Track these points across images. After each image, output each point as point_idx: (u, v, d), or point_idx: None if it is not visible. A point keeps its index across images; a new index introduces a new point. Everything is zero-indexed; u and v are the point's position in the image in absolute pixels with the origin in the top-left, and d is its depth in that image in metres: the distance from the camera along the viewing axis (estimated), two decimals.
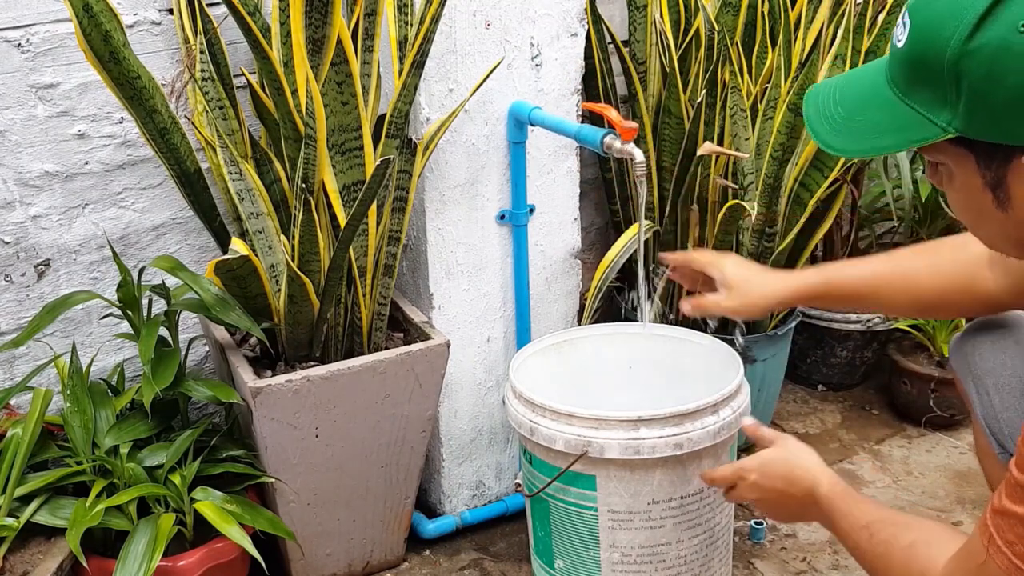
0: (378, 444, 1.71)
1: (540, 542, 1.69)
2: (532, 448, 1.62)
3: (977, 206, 0.96)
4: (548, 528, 1.65)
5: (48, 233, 1.72)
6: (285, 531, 1.60)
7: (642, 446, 1.51)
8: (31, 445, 1.52)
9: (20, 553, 1.49)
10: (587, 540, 1.60)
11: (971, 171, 0.93)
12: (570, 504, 1.60)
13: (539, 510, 1.67)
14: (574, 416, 1.54)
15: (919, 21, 0.91)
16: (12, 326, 1.74)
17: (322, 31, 1.46)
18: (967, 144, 0.91)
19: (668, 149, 2.00)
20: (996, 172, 0.91)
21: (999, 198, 0.93)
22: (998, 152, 0.90)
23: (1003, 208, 0.94)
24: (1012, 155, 0.89)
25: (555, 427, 1.55)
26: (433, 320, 1.80)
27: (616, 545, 1.58)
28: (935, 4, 0.90)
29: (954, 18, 0.87)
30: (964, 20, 0.87)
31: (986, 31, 0.86)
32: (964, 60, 0.87)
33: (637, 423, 1.50)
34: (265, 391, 1.55)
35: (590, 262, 2.35)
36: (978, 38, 0.86)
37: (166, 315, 1.65)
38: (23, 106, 1.64)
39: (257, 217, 1.61)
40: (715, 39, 1.86)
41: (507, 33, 1.72)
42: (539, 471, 1.62)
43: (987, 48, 0.86)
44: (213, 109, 1.63)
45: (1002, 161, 0.90)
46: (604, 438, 1.52)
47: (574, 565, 1.64)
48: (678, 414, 1.51)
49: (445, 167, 1.75)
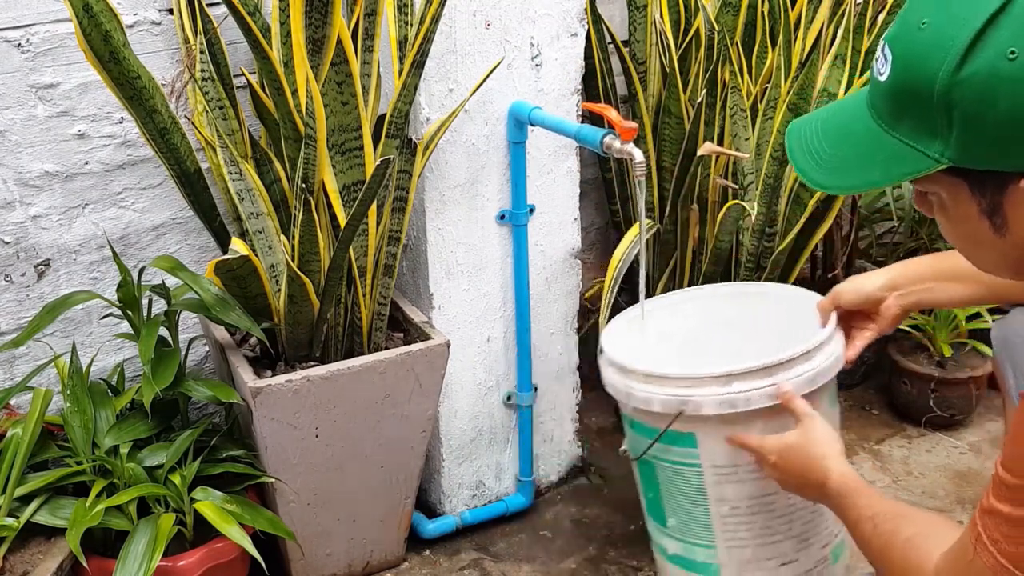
0: (378, 444, 1.71)
1: (651, 503, 1.73)
2: (631, 413, 1.65)
3: (974, 233, 0.94)
4: (657, 489, 1.68)
5: (48, 233, 1.72)
6: (285, 531, 1.60)
7: (737, 400, 1.52)
8: (31, 445, 1.52)
9: (20, 553, 1.49)
10: (695, 496, 1.63)
11: (965, 199, 0.92)
12: (674, 463, 1.62)
13: (646, 472, 1.70)
14: (666, 377, 1.56)
15: (902, 53, 0.90)
16: (12, 326, 1.74)
17: (322, 31, 1.46)
18: (959, 173, 0.90)
19: (668, 149, 2.00)
20: (991, 199, 0.90)
21: (996, 224, 0.91)
22: (991, 179, 0.89)
23: (1000, 234, 0.92)
24: (1007, 181, 0.88)
25: (650, 390, 1.57)
26: (433, 320, 1.80)
27: (724, 499, 1.61)
28: (918, 35, 0.88)
29: (941, 49, 0.86)
30: (952, 50, 0.85)
31: (975, 60, 0.84)
32: (954, 90, 0.85)
33: (729, 378, 1.52)
34: (265, 391, 1.55)
35: (590, 262, 2.35)
36: (967, 68, 0.84)
37: (166, 315, 1.65)
38: (23, 106, 1.64)
39: (257, 217, 1.61)
40: (715, 39, 1.86)
41: (507, 33, 1.72)
42: (640, 434, 1.65)
43: (978, 76, 0.84)
44: (213, 109, 1.63)
45: (996, 187, 0.89)
46: (699, 396, 1.54)
47: (686, 522, 1.67)
48: (770, 365, 1.52)
49: (445, 167, 1.75)
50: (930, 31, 0.87)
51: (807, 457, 1.33)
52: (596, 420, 2.38)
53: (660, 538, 1.75)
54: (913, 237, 2.56)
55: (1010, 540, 0.92)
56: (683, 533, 1.70)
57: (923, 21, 0.88)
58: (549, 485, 2.13)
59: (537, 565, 1.92)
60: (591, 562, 1.92)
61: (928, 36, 0.87)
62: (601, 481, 2.16)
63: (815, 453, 1.33)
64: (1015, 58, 0.82)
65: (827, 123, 1.01)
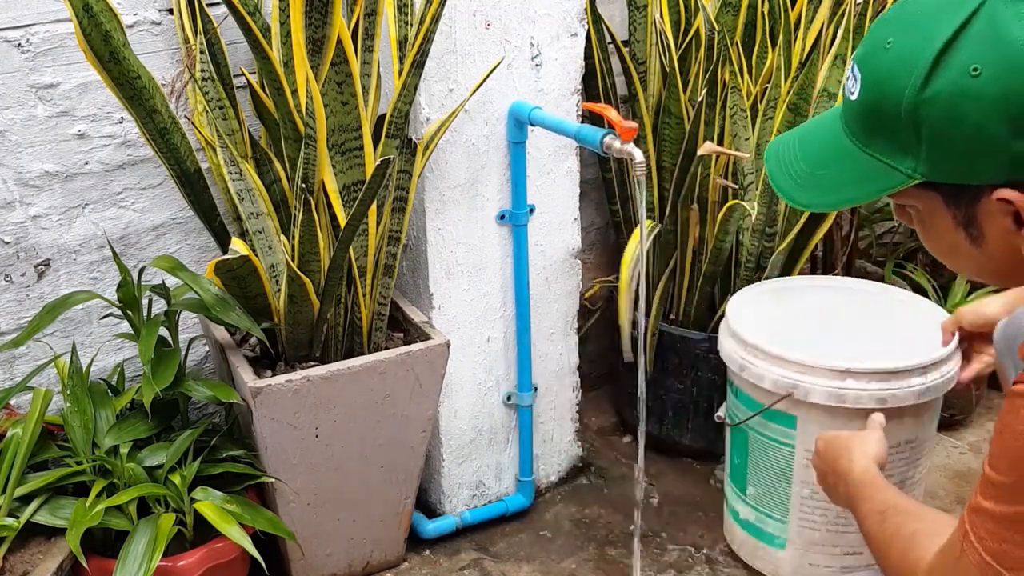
0: (378, 444, 1.71)
1: (735, 469, 1.83)
2: (739, 383, 1.75)
3: (951, 243, 0.96)
4: (745, 457, 1.78)
5: (48, 233, 1.72)
6: (285, 531, 1.60)
7: (847, 396, 1.60)
8: (31, 445, 1.52)
9: (20, 553, 1.49)
10: (781, 473, 1.72)
11: (940, 211, 0.93)
12: (769, 438, 1.72)
13: (738, 440, 1.79)
14: (784, 359, 1.64)
15: (870, 73, 0.91)
16: (12, 326, 1.74)
17: (322, 31, 1.46)
18: (933, 187, 0.91)
19: (668, 149, 2.00)
20: (966, 211, 0.91)
21: (972, 235, 0.93)
22: (965, 192, 0.90)
23: (977, 244, 0.93)
24: (980, 193, 0.89)
25: (765, 367, 1.66)
26: (433, 320, 1.80)
27: (808, 482, 1.67)
28: (884, 55, 0.90)
29: (906, 69, 0.87)
30: (916, 70, 0.86)
31: (939, 78, 0.85)
32: (921, 108, 0.87)
33: (845, 374, 1.60)
34: (265, 391, 1.55)
35: (590, 262, 2.35)
36: (932, 86, 0.86)
37: (166, 315, 1.65)
38: (23, 106, 1.64)
39: (257, 217, 1.61)
40: (715, 39, 1.86)
41: (507, 33, 1.72)
42: (743, 404, 1.74)
43: (943, 95, 0.85)
44: (213, 109, 1.63)
45: (970, 200, 0.90)
46: (810, 383, 1.62)
47: (765, 494, 1.77)
48: (886, 370, 1.59)
49: (445, 167, 1.75)
50: (895, 51, 0.89)
51: (846, 448, 1.35)
52: (596, 420, 2.38)
53: (735, 502, 1.86)
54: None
55: (995, 537, 0.92)
56: (760, 503, 1.80)
57: (888, 41, 0.89)
58: (549, 485, 2.13)
59: (537, 565, 1.92)
60: (591, 562, 1.92)
61: (894, 56, 0.89)
62: (601, 481, 2.16)
63: (852, 446, 1.34)
64: (978, 74, 0.84)
65: (804, 142, 1.03)
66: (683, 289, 2.10)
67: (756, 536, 1.83)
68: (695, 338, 2.06)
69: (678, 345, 2.08)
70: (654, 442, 2.21)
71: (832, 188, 0.98)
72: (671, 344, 2.08)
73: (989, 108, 0.84)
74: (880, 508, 1.21)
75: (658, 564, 1.92)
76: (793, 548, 1.78)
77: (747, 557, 1.88)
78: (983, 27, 0.84)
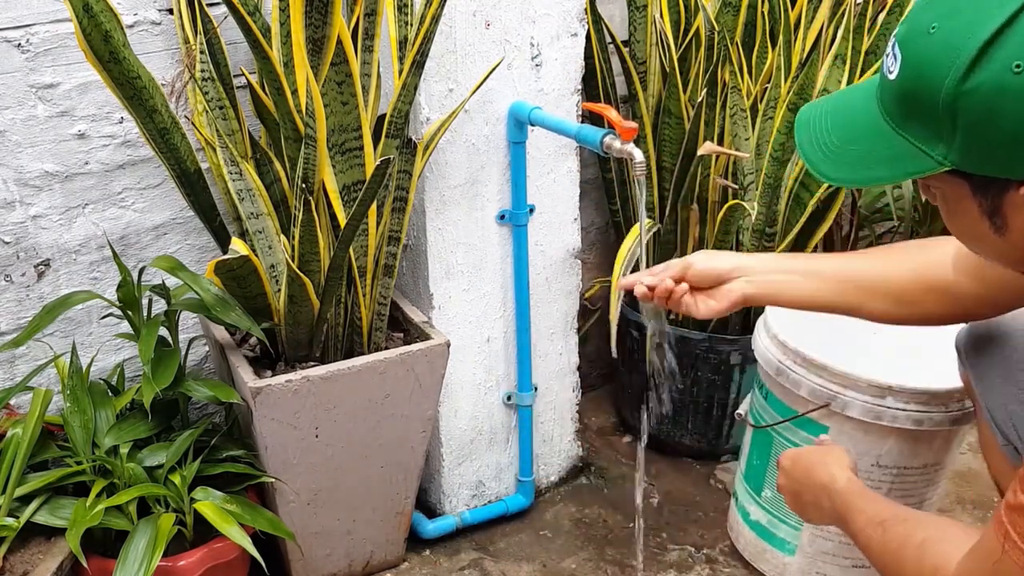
0: (378, 444, 1.71)
1: (753, 470, 1.81)
2: (772, 386, 1.72)
3: (973, 229, 0.96)
4: (766, 460, 1.76)
5: (48, 233, 1.72)
6: (285, 531, 1.60)
7: (885, 413, 1.58)
8: (31, 445, 1.52)
9: (20, 553, 1.49)
10: None
11: (967, 198, 0.94)
12: (795, 445, 1.68)
13: (761, 442, 1.77)
14: (825, 368, 1.62)
15: (911, 57, 0.91)
16: (12, 326, 1.74)
17: (322, 31, 1.46)
18: (962, 175, 0.91)
19: (668, 149, 2.00)
20: (992, 201, 0.92)
21: (996, 224, 0.94)
22: (994, 183, 0.90)
23: (1000, 234, 0.94)
24: (1008, 186, 0.90)
25: (803, 374, 1.64)
26: (433, 320, 1.80)
27: None
28: (927, 40, 0.89)
29: (948, 57, 0.86)
30: (959, 60, 0.86)
31: (981, 71, 0.85)
32: (960, 100, 0.86)
33: (886, 391, 1.58)
34: (265, 391, 1.55)
35: (590, 262, 2.35)
36: (973, 79, 0.85)
37: (166, 315, 1.65)
38: (23, 106, 1.63)
39: (257, 217, 1.61)
40: (715, 39, 1.86)
41: (507, 33, 1.72)
42: (773, 408, 1.72)
43: (983, 89, 0.85)
44: (213, 109, 1.63)
45: (998, 191, 0.91)
46: (850, 396, 1.60)
47: (781, 499, 1.72)
48: (927, 392, 1.57)
49: (445, 167, 1.75)
50: (939, 37, 0.88)
51: (815, 463, 1.34)
52: (596, 420, 2.38)
53: (748, 503, 1.85)
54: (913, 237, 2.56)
55: None
56: (775, 507, 1.79)
57: (932, 26, 0.88)
58: (549, 485, 2.13)
59: (537, 565, 1.92)
60: (591, 562, 1.92)
61: (936, 42, 0.88)
62: (601, 481, 2.17)
63: (824, 460, 1.34)
64: (1020, 72, 0.83)
65: (836, 114, 1.02)
66: None
67: (766, 539, 1.83)
68: (695, 338, 2.06)
69: (678, 345, 2.08)
70: (654, 442, 2.22)
71: (862, 165, 0.97)
72: (671, 344, 2.08)
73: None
74: (877, 519, 1.19)
75: (658, 564, 1.92)
76: (803, 555, 1.78)
77: (751, 558, 1.88)
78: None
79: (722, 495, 2.11)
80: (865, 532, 1.20)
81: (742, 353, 2.05)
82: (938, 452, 1.67)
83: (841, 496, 1.27)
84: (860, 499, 1.24)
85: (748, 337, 1.95)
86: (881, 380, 1.58)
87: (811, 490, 1.33)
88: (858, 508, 1.23)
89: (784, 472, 1.39)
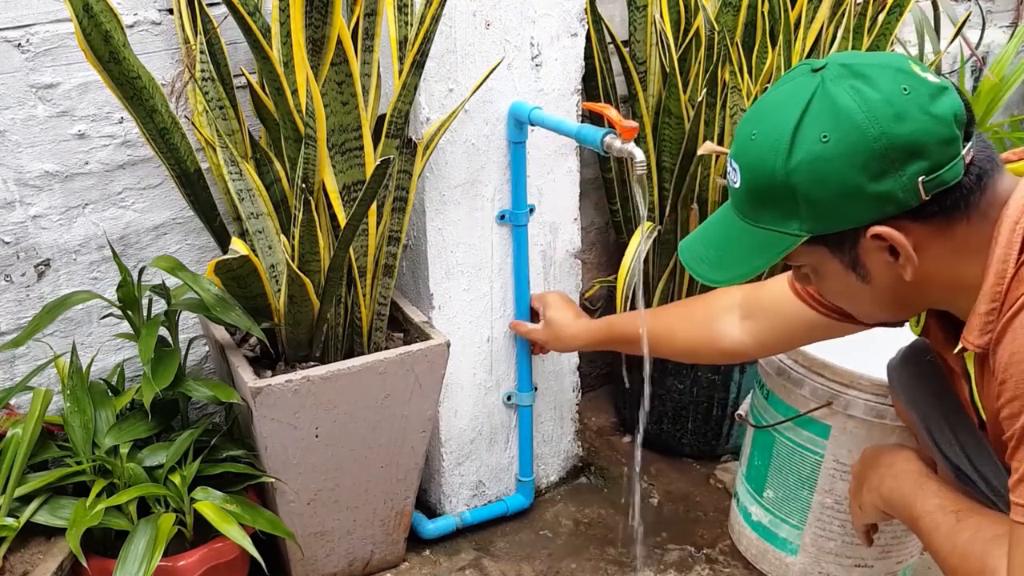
0: (378, 444, 1.71)
1: (754, 470, 1.82)
2: (773, 386, 1.74)
3: (846, 287, 1.11)
4: (767, 460, 1.77)
5: (48, 233, 1.72)
6: (285, 531, 1.60)
7: (888, 412, 1.60)
8: (31, 445, 1.52)
9: (20, 553, 1.49)
10: (805, 480, 1.72)
11: (829, 261, 1.09)
12: (797, 445, 1.71)
13: (763, 442, 1.79)
14: (827, 368, 1.64)
15: (745, 162, 1.08)
16: (12, 326, 1.74)
17: (322, 31, 1.46)
18: (819, 240, 1.07)
19: (668, 149, 2.00)
20: (850, 254, 1.07)
21: (861, 275, 1.09)
22: (846, 238, 1.06)
23: (867, 282, 1.09)
24: (857, 236, 1.05)
25: (805, 373, 1.66)
26: (433, 320, 1.80)
27: (832, 492, 1.70)
28: (752, 146, 1.07)
29: (771, 151, 1.04)
30: (779, 148, 1.03)
31: (798, 150, 1.02)
32: (791, 176, 1.03)
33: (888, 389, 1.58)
34: (265, 391, 1.55)
35: (590, 262, 2.35)
36: (794, 158, 1.03)
37: (166, 315, 1.65)
38: (23, 106, 1.63)
39: (257, 217, 1.61)
40: (715, 39, 1.86)
41: (507, 33, 1.72)
42: (774, 408, 1.74)
43: (804, 162, 1.02)
44: (213, 109, 1.63)
45: (851, 243, 1.06)
46: (852, 395, 1.62)
47: (783, 499, 1.77)
48: None
49: (445, 167, 1.75)
50: (759, 140, 1.06)
51: (893, 450, 1.41)
52: (596, 420, 2.38)
53: (749, 503, 1.86)
54: None
55: None
56: (776, 507, 1.79)
57: (752, 134, 1.07)
58: (549, 485, 2.13)
59: (537, 565, 1.92)
60: (591, 562, 1.92)
61: (759, 144, 1.06)
62: (601, 481, 2.17)
63: (903, 449, 1.41)
64: (827, 140, 1.01)
65: (707, 233, 1.19)
66: (683, 289, 2.10)
67: (767, 539, 1.83)
68: None
69: None
70: (655, 442, 2.22)
71: (740, 262, 1.12)
72: None
73: (843, 163, 1.00)
74: (953, 507, 1.22)
75: (658, 564, 1.92)
76: (805, 555, 1.78)
77: (753, 558, 1.88)
78: (821, 104, 1.02)
79: (722, 495, 2.11)
80: (934, 516, 1.23)
81: None
82: None
83: (914, 477, 1.31)
84: (935, 483, 1.29)
85: None
86: (883, 378, 1.58)
87: (878, 469, 1.39)
88: (932, 491, 1.27)
89: (862, 459, 1.46)
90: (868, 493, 1.41)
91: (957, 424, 1.33)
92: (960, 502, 1.22)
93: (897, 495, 1.33)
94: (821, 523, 1.74)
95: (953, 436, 1.34)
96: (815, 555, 1.77)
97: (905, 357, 1.48)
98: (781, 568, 1.82)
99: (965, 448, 1.32)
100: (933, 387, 1.37)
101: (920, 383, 1.41)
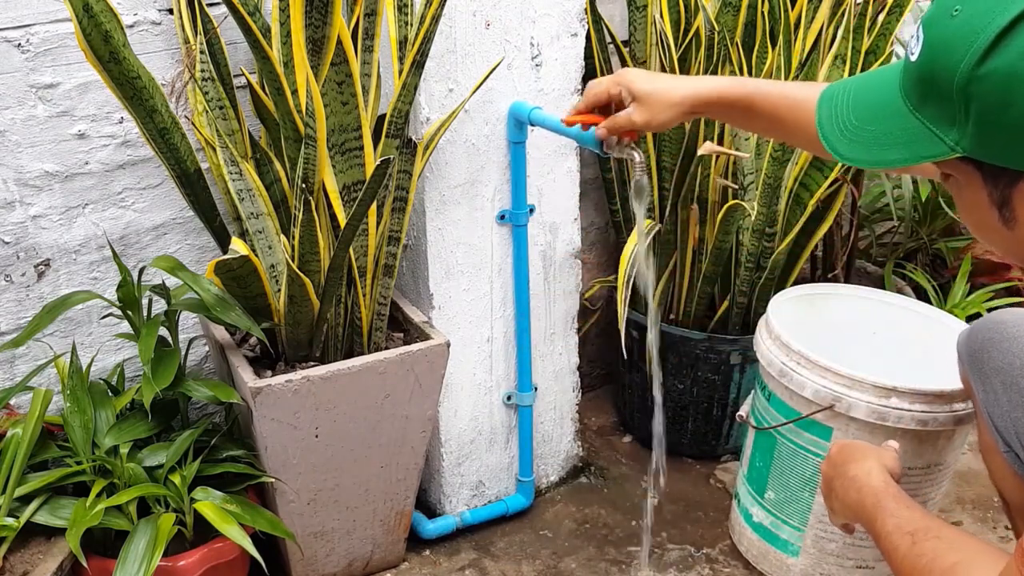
0: (378, 444, 1.71)
1: (756, 471, 1.82)
2: (775, 387, 1.72)
3: (982, 220, 0.96)
4: (769, 462, 1.77)
5: (48, 233, 1.72)
6: (285, 531, 1.60)
7: (890, 414, 1.59)
8: (31, 445, 1.52)
9: (20, 553, 1.49)
10: (806, 482, 1.72)
11: (978, 187, 0.93)
12: (800, 447, 1.70)
13: (764, 444, 1.78)
14: (829, 370, 1.63)
15: (932, 38, 0.90)
16: (12, 326, 1.74)
17: (322, 31, 1.46)
18: (974, 163, 0.91)
19: (668, 149, 2.00)
20: (1002, 192, 0.91)
21: (1004, 216, 0.93)
22: (1004, 173, 0.90)
23: (1009, 227, 0.94)
24: (1018, 178, 0.89)
25: (807, 375, 1.65)
26: (433, 320, 1.80)
27: None
28: (949, 23, 0.88)
29: (966, 41, 0.86)
30: (976, 44, 0.85)
31: (996, 57, 0.84)
32: (973, 85, 0.86)
33: (890, 392, 1.59)
34: (265, 391, 1.55)
35: (590, 262, 2.35)
36: (988, 64, 0.84)
37: (166, 315, 1.65)
38: (23, 106, 1.63)
39: (257, 217, 1.61)
40: (715, 39, 1.86)
41: (507, 33, 1.72)
42: (776, 409, 1.73)
43: (996, 75, 0.84)
44: (213, 109, 1.63)
45: (1008, 182, 0.90)
46: (854, 397, 1.61)
47: (784, 500, 1.76)
48: (931, 392, 1.59)
49: (445, 167, 1.75)
50: (960, 20, 0.87)
51: (863, 456, 1.33)
52: (596, 420, 2.38)
53: (750, 504, 1.85)
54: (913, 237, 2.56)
55: None
56: (778, 509, 1.79)
57: (955, 8, 0.88)
58: (549, 485, 2.13)
59: (537, 565, 1.92)
60: (591, 562, 1.92)
61: (957, 25, 0.87)
62: (601, 481, 2.17)
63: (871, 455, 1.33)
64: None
65: (858, 95, 1.01)
66: (683, 289, 2.10)
67: (768, 540, 1.83)
68: (695, 338, 2.06)
69: (678, 345, 2.08)
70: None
71: (877, 145, 0.97)
72: (671, 344, 2.08)
73: None
74: (909, 528, 1.16)
75: (658, 564, 1.92)
76: (806, 557, 1.78)
77: (754, 559, 1.88)
78: None
79: (722, 495, 2.11)
80: (892, 538, 1.18)
81: (742, 353, 2.05)
82: (942, 452, 1.67)
83: (874, 494, 1.24)
84: (893, 502, 1.22)
85: (748, 337, 1.95)
86: (886, 381, 1.59)
87: (840, 478, 1.32)
88: (889, 511, 1.21)
89: (829, 458, 1.38)
90: (835, 500, 1.35)
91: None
92: (916, 522, 1.17)
93: (860, 510, 1.27)
94: (823, 525, 1.74)
95: (1009, 406, 1.30)
96: (816, 556, 1.77)
97: (990, 323, 1.41)
98: (782, 569, 1.82)
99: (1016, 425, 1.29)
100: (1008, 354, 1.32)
101: (1003, 352, 1.36)
